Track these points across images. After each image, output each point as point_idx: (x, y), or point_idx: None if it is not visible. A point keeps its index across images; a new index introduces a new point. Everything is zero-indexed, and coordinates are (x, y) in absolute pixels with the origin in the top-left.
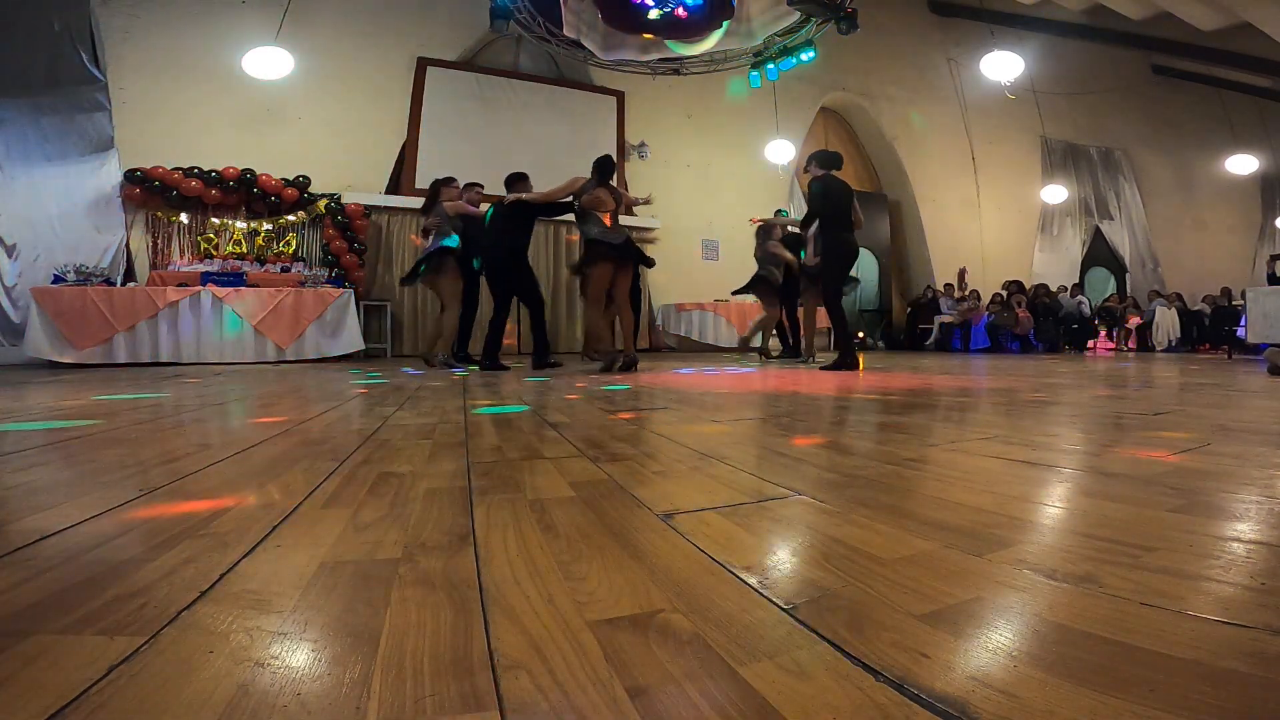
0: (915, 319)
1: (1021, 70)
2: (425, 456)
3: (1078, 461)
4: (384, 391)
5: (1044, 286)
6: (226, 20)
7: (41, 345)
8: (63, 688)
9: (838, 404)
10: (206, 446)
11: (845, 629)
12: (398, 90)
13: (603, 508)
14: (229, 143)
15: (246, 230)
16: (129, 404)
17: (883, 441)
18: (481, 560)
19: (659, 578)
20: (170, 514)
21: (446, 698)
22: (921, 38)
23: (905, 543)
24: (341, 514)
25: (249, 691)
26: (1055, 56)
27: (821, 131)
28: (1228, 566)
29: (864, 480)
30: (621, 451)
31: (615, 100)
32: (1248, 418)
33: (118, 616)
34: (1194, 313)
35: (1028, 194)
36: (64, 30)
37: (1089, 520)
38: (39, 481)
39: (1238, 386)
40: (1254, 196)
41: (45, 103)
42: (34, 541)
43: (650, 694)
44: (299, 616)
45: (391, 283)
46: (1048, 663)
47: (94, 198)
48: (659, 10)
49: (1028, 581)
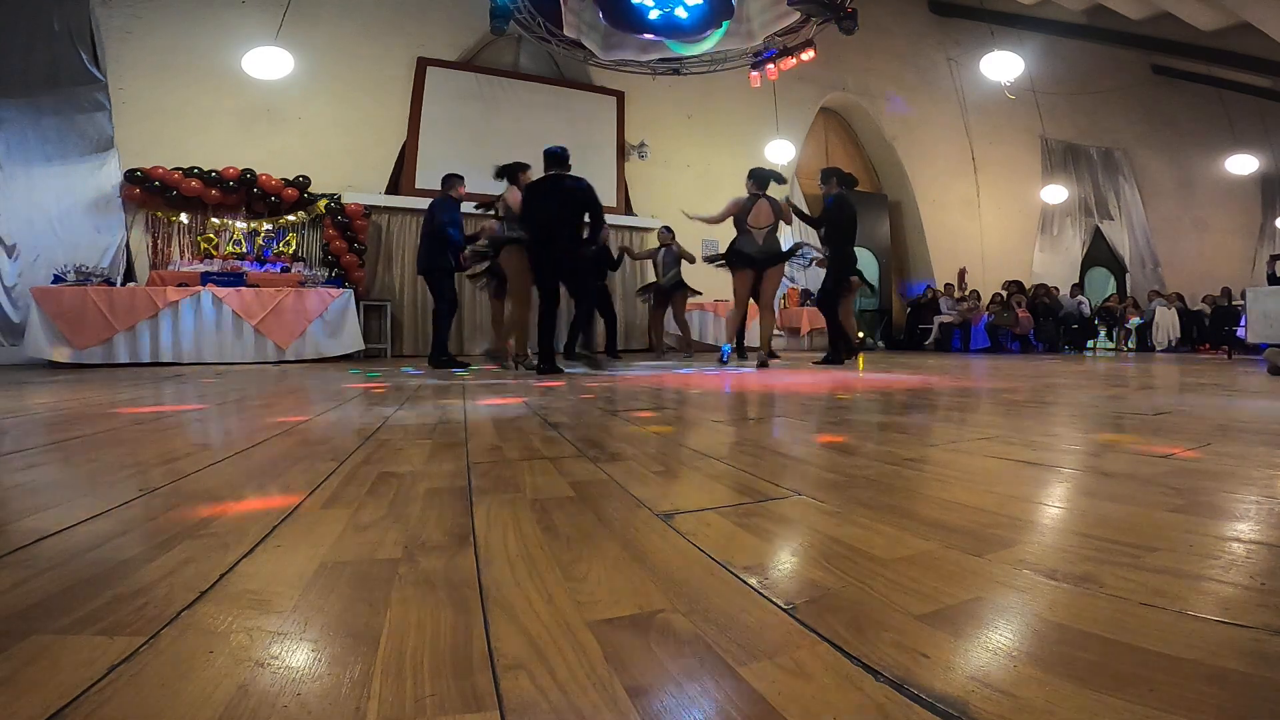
0: (915, 319)
1: (1021, 70)
2: (425, 456)
3: (1078, 461)
4: (384, 391)
5: (1044, 286)
6: (226, 20)
7: (41, 345)
8: (63, 688)
9: (837, 404)
10: (206, 446)
11: (845, 629)
12: (398, 90)
13: (603, 508)
14: (229, 143)
15: (246, 230)
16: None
17: (883, 441)
18: (481, 560)
19: (659, 578)
20: (170, 514)
21: (446, 698)
22: (921, 38)
23: (905, 543)
24: (341, 514)
25: (249, 691)
26: (1055, 56)
27: (821, 131)
28: (1228, 566)
29: (864, 480)
30: (621, 451)
31: (615, 100)
32: (1248, 418)
33: (118, 616)
34: (1194, 313)
35: (1028, 194)
36: (64, 30)
37: (1089, 520)
38: (39, 481)
39: (1238, 386)
40: (1254, 196)
41: (45, 103)
42: (34, 541)
43: (650, 694)
44: (299, 616)
45: (391, 282)
46: (1048, 663)
47: (94, 198)
48: (659, 10)
49: (1028, 581)
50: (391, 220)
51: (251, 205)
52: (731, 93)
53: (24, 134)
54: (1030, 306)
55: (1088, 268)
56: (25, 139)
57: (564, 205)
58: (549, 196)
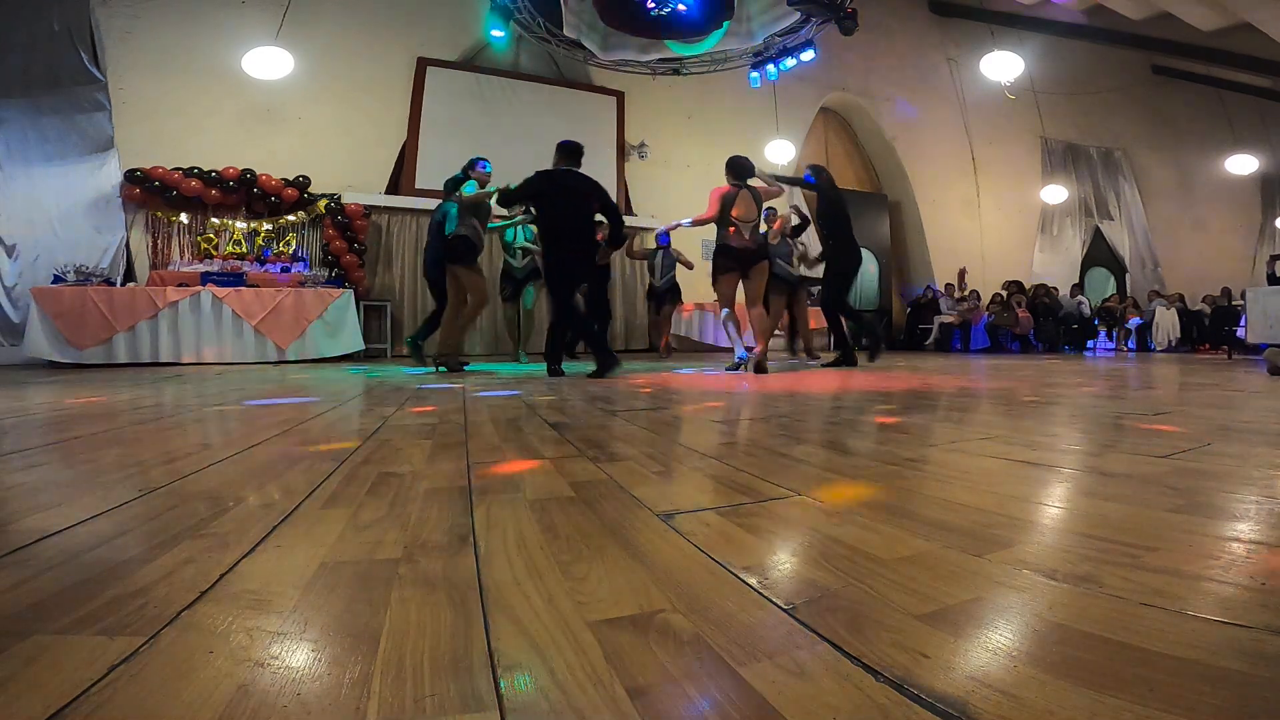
0: (915, 319)
1: (1021, 70)
2: (425, 456)
3: (1078, 461)
4: (384, 392)
5: (1044, 286)
6: (226, 20)
7: (41, 345)
8: (63, 688)
9: (837, 404)
10: (206, 446)
11: (845, 629)
12: (398, 90)
13: (603, 508)
14: (229, 143)
15: (246, 230)
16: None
17: (883, 441)
18: (481, 560)
19: (659, 578)
20: (170, 514)
21: (446, 698)
22: (921, 38)
23: (905, 543)
24: (341, 514)
25: (249, 692)
26: (1055, 56)
27: (821, 131)
28: (1228, 566)
29: (864, 480)
30: (621, 451)
31: (615, 100)
32: (1248, 418)
33: (118, 616)
34: (1194, 313)
35: (1028, 194)
36: (64, 30)
37: (1089, 520)
38: (39, 481)
39: (1238, 387)
40: (1254, 197)
41: (45, 103)
42: (34, 541)
43: (650, 694)
44: (299, 616)
45: (391, 283)
46: (1048, 663)
47: (94, 198)
48: (659, 10)
49: (1028, 581)
50: (391, 220)
51: (251, 205)
52: (731, 93)
53: (24, 134)
54: (1030, 306)
55: (1088, 268)
56: (25, 139)
57: (571, 203)
58: (558, 194)
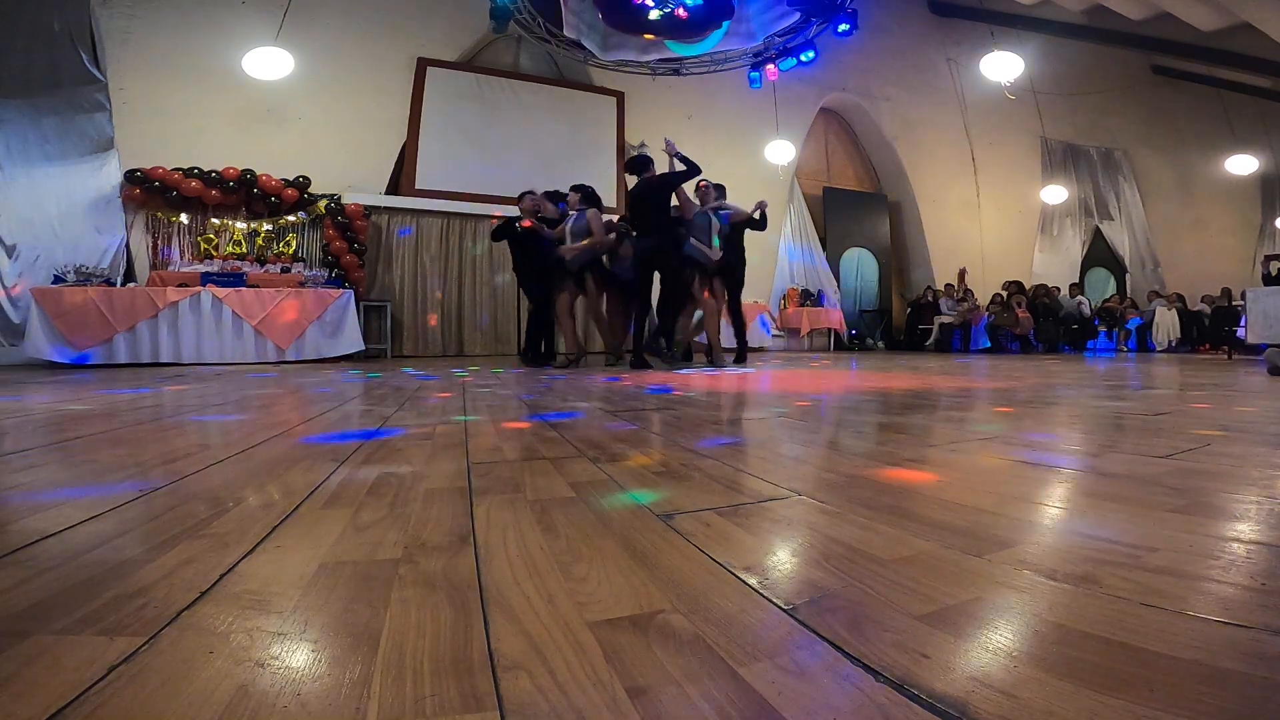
0: (915, 319)
1: (1021, 70)
2: (425, 457)
3: (1078, 461)
4: (384, 392)
5: (1044, 287)
6: (226, 20)
7: (42, 346)
8: (63, 688)
9: (837, 404)
10: (206, 446)
11: (845, 629)
12: (398, 90)
13: (603, 508)
14: (229, 143)
15: (246, 231)
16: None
17: (883, 442)
18: (481, 560)
19: (659, 578)
20: (170, 514)
21: (446, 698)
22: (921, 38)
23: (905, 543)
24: (341, 514)
25: (249, 692)
26: (1055, 56)
27: (821, 131)
28: (1228, 566)
29: (864, 480)
30: (621, 452)
31: (615, 101)
32: (1248, 418)
33: (118, 616)
34: (1194, 313)
35: (1027, 194)
36: (64, 30)
37: (1089, 520)
38: (39, 481)
39: (1238, 387)
40: (1254, 197)
41: (45, 103)
42: (34, 541)
43: (650, 694)
44: (299, 617)
45: (391, 283)
46: (1048, 663)
47: (94, 198)
48: (659, 10)
49: (1028, 582)
50: (391, 220)
51: (251, 206)
52: (731, 93)
53: (24, 134)
54: (1030, 307)
55: (1088, 268)
56: (25, 139)
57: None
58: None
